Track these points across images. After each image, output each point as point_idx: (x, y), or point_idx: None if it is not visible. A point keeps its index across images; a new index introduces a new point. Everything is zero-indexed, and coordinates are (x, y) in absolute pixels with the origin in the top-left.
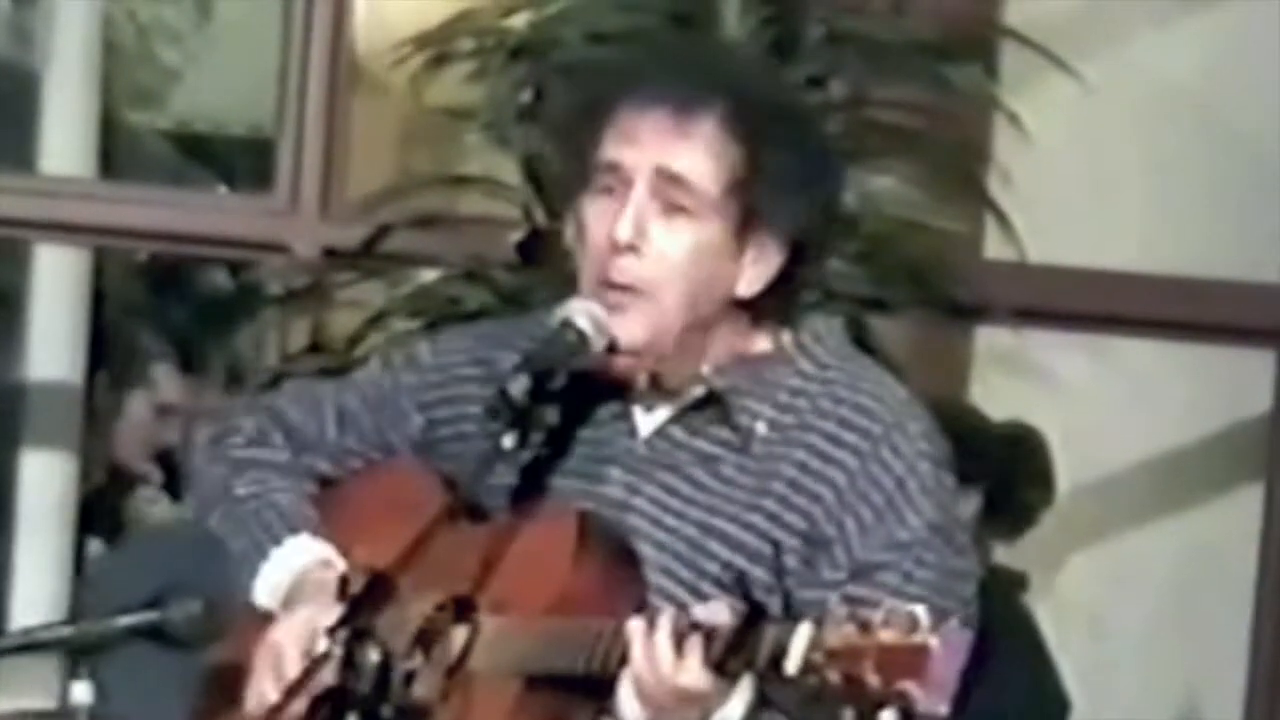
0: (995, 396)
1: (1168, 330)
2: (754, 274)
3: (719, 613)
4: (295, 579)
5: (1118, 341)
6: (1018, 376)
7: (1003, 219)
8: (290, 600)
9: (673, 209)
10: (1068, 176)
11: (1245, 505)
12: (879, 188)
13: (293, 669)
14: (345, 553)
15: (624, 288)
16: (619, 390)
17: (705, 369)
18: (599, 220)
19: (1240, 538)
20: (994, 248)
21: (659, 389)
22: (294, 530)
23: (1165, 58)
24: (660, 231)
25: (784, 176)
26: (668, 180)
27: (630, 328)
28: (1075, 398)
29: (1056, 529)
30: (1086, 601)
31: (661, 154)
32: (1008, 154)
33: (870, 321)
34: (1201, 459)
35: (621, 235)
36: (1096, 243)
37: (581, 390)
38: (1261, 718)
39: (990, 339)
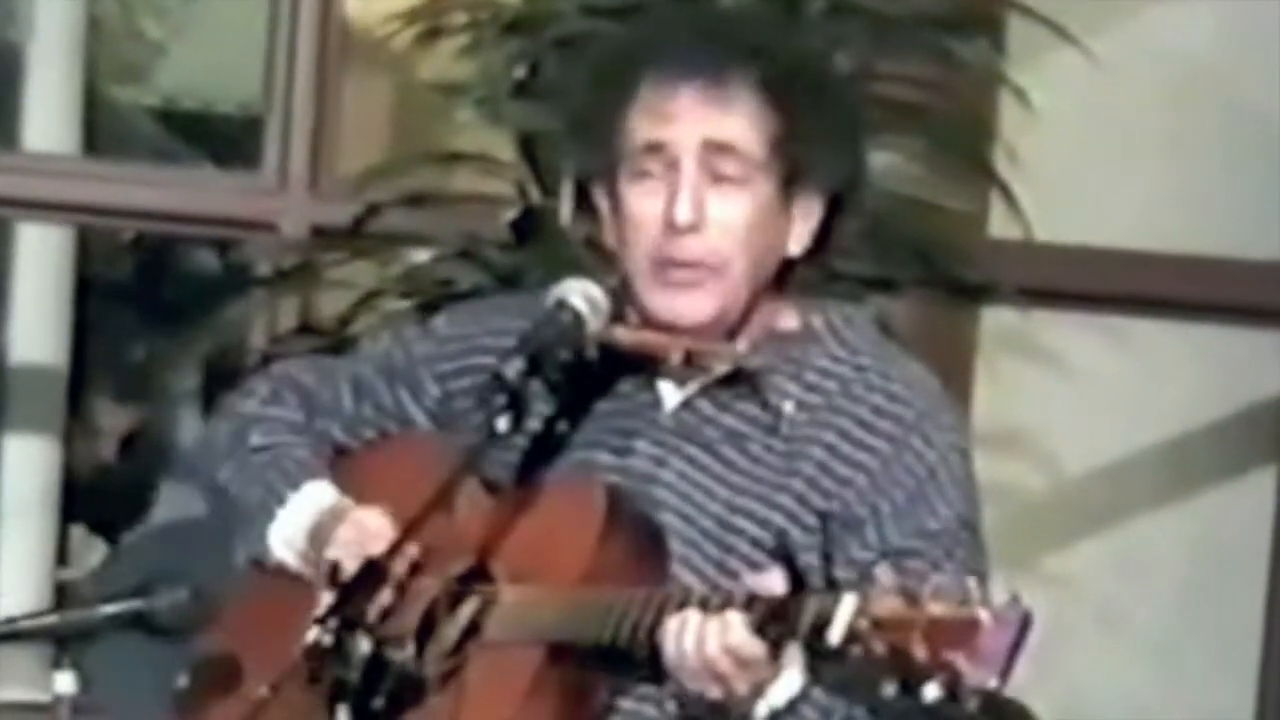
0: (1001, 378)
1: (1178, 310)
2: (801, 231)
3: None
4: (315, 521)
5: (1127, 322)
6: (1024, 358)
7: (1009, 196)
8: (318, 534)
9: (722, 180)
10: (1076, 153)
11: (1258, 489)
12: (882, 164)
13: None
14: None
15: (690, 265)
16: (648, 364)
17: (741, 345)
18: (646, 204)
19: (1253, 522)
20: (1000, 226)
21: (693, 366)
22: (313, 478)
23: (1176, 32)
24: (716, 204)
25: (820, 133)
26: (716, 151)
27: (699, 304)
28: (1084, 380)
29: (1065, 516)
30: (1096, 589)
31: (705, 127)
32: (1014, 130)
33: (873, 301)
34: (1214, 442)
35: (683, 217)
36: (1105, 221)
37: (609, 365)
38: (1275, 705)
39: (996, 319)
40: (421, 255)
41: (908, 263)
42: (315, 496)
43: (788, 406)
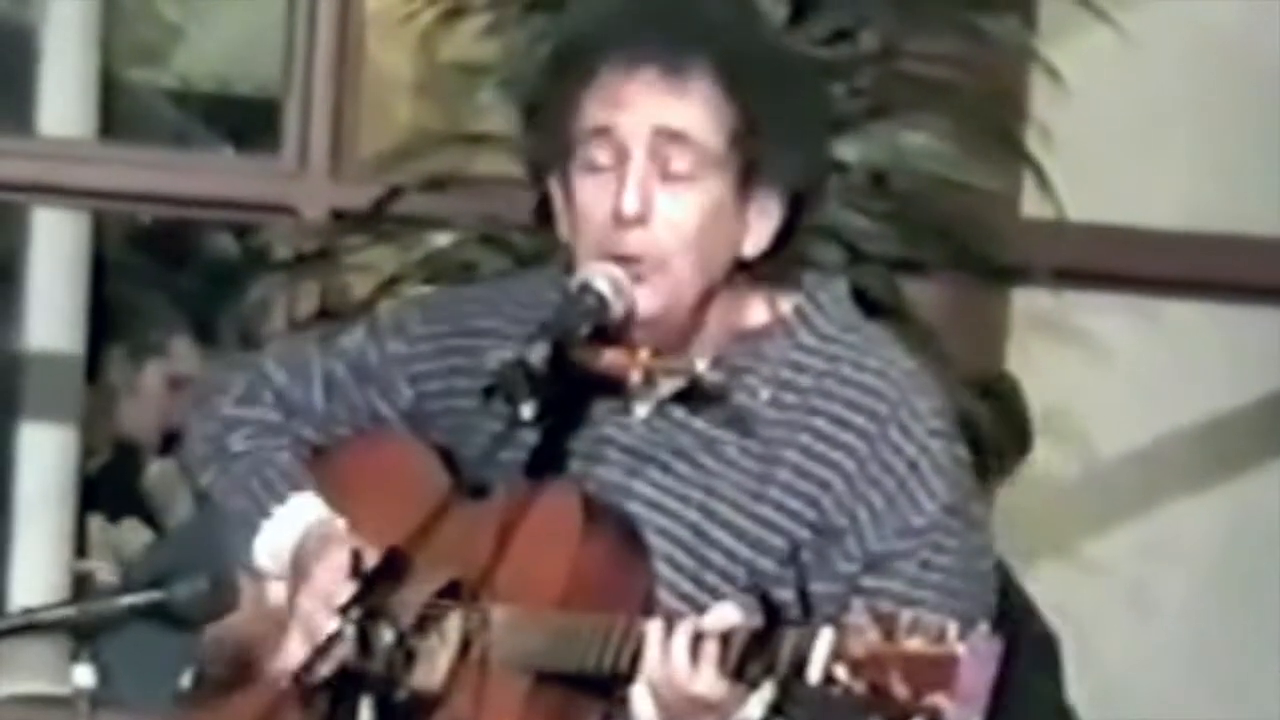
0: (1033, 361)
1: (1214, 291)
2: (758, 231)
3: (728, 615)
4: (301, 537)
5: (1161, 303)
6: (1057, 340)
7: (1041, 175)
8: (300, 560)
9: (673, 177)
10: (1108, 131)
11: None
12: (911, 143)
13: (325, 626)
14: None
15: (635, 260)
16: (609, 384)
17: (700, 364)
18: (595, 194)
19: None
20: (1032, 205)
21: (654, 386)
22: (297, 489)
23: (1208, 6)
24: (665, 199)
25: (782, 129)
26: (668, 140)
27: (646, 299)
28: (1117, 362)
29: (1097, 500)
30: (1129, 573)
31: (658, 114)
32: (1046, 108)
33: (902, 283)
34: (1248, 426)
35: (629, 209)
36: (1139, 200)
37: (570, 388)
38: None
39: (1028, 301)
40: (443, 239)
41: (938, 243)
42: (300, 510)
43: (764, 394)
